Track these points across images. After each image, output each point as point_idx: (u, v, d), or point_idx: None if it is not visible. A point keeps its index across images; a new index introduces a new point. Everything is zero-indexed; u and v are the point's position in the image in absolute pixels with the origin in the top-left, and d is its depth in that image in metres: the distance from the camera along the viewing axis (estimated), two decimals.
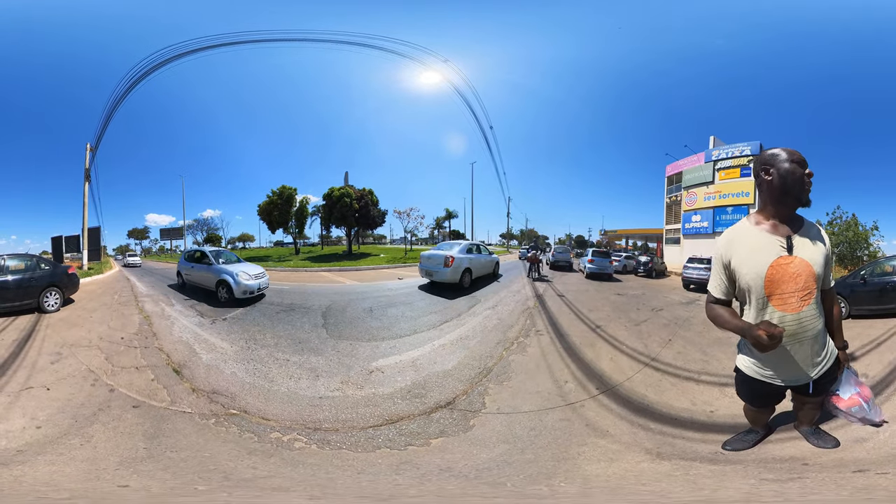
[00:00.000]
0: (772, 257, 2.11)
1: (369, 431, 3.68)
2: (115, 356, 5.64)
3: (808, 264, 2.10)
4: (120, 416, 3.87)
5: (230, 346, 6.33)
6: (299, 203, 37.50)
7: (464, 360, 5.60)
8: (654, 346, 6.36)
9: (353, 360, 5.73)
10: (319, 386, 4.81)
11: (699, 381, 4.87)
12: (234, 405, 4.23)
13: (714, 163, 28.81)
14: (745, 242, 2.19)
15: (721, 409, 3.95)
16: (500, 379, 4.91)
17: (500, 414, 3.98)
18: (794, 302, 2.10)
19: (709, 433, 3.41)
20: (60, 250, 20.38)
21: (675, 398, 4.33)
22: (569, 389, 4.58)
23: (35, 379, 4.73)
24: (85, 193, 22.00)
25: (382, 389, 4.66)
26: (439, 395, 4.45)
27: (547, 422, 3.79)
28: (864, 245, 20.18)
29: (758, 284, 2.13)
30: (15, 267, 8.61)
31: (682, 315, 9.62)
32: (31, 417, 3.77)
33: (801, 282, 2.08)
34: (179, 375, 5.03)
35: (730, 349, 6.42)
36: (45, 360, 5.40)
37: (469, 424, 3.76)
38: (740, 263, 2.19)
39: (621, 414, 3.95)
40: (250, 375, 5.13)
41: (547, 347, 6.21)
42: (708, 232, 28.45)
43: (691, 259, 17.40)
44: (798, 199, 2.14)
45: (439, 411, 4.06)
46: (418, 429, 3.72)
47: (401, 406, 4.22)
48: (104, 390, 4.48)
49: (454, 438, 3.52)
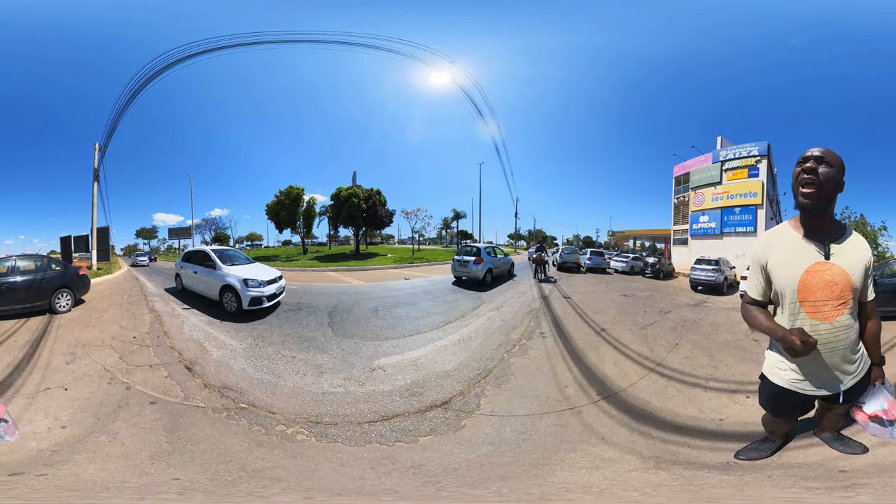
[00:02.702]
0: (807, 263, 2.04)
1: (365, 426, 3.80)
2: (129, 355, 5.75)
3: (845, 273, 2.01)
4: (139, 412, 3.98)
5: (239, 344, 6.44)
6: (307, 203, 37.68)
7: (464, 361, 5.62)
8: (660, 351, 6.29)
9: (356, 358, 5.82)
10: (323, 382, 4.91)
11: (707, 387, 4.79)
12: (243, 399, 4.37)
13: (721, 163, 28.48)
14: (782, 245, 2.13)
15: (731, 418, 3.86)
16: (498, 381, 4.91)
17: (494, 416, 4.01)
18: (827, 311, 2.02)
19: (719, 441, 3.32)
20: (69, 250, 20.44)
21: (681, 405, 4.26)
22: (568, 394, 4.54)
23: (51, 379, 4.77)
24: (94, 193, 22.07)
25: (383, 387, 4.74)
26: (436, 395, 4.51)
27: (539, 427, 3.76)
28: (873, 246, 19.92)
29: (791, 289, 2.06)
30: (26, 268, 8.60)
31: (690, 318, 9.50)
32: (54, 418, 3.81)
33: (836, 290, 2.01)
34: (191, 372, 5.13)
35: (739, 353, 6.32)
36: (60, 360, 5.46)
37: (460, 424, 3.81)
38: (776, 265, 2.12)
39: (622, 420, 3.90)
40: (258, 371, 5.24)
41: (550, 350, 6.16)
42: (716, 233, 28.13)
43: (699, 260, 17.14)
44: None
45: (434, 410, 4.13)
46: (410, 426, 3.80)
47: (398, 403, 4.30)
48: (121, 388, 4.55)
49: (442, 437, 3.58)
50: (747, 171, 27.27)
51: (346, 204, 32.72)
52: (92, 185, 22.18)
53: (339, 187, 34.16)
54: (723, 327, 8.57)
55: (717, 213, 28.18)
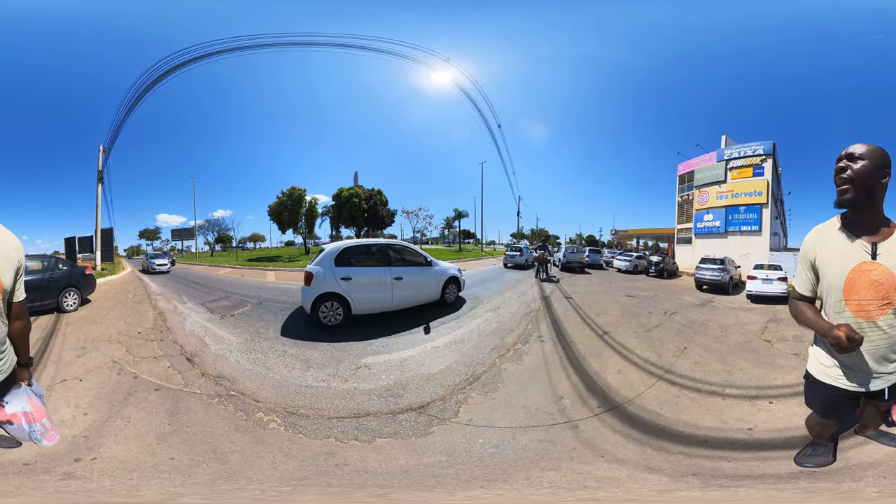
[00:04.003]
0: (854, 262, 2.03)
1: (333, 422, 3.83)
2: (135, 348, 6.08)
3: (891, 274, 1.99)
4: (146, 398, 4.28)
5: (236, 339, 6.74)
6: (308, 203, 37.44)
7: (453, 365, 5.31)
8: (668, 356, 5.82)
9: (344, 355, 5.85)
10: (308, 376, 5.03)
11: (725, 395, 4.38)
12: (234, 388, 4.63)
13: (726, 162, 28.12)
14: (830, 242, 2.13)
15: (760, 426, 3.56)
16: (485, 388, 4.56)
17: (470, 426, 3.72)
18: (872, 310, 2.02)
19: (758, 451, 3.12)
20: (74, 251, 20.50)
21: (698, 416, 3.84)
22: (564, 406, 4.09)
23: (66, 372, 5.03)
24: (98, 195, 22.16)
25: (364, 385, 4.76)
26: (414, 398, 4.39)
27: (519, 441, 3.38)
28: None
29: (837, 287, 2.06)
30: (33, 268, 8.70)
31: (697, 319, 9.07)
32: (75, 406, 4.04)
33: (881, 291, 1.99)
34: (191, 363, 5.47)
35: (752, 356, 5.92)
36: (71, 354, 5.71)
37: (428, 430, 3.67)
38: (824, 262, 2.12)
39: (629, 435, 3.46)
40: (251, 363, 5.50)
41: (547, 356, 5.70)
42: (720, 231, 27.76)
43: (704, 259, 16.82)
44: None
45: (407, 413, 4.03)
46: (376, 426, 3.75)
47: (374, 403, 4.28)
48: (129, 377, 4.87)
49: (400, 441, 3.48)
50: (752, 169, 26.98)
51: (347, 204, 32.52)
52: (96, 186, 22.12)
53: (340, 187, 33.99)
54: (732, 328, 8.15)
55: (722, 212, 27.83)
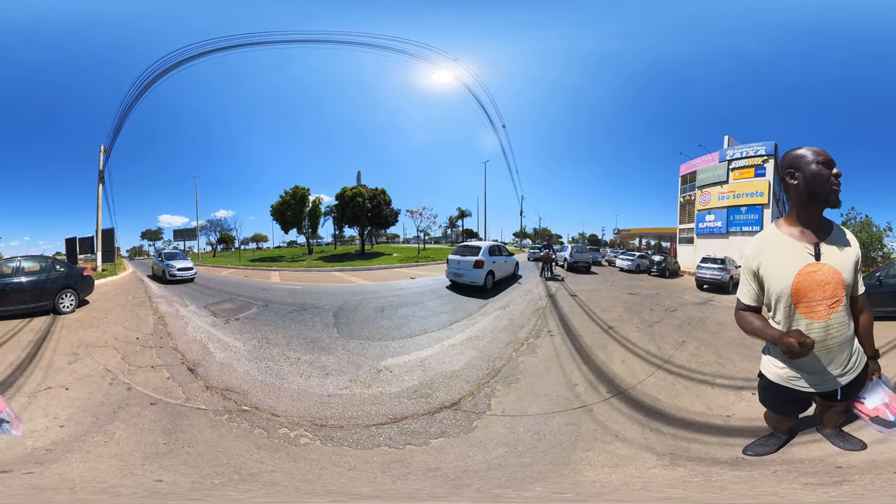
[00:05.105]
0: (799, 265, 2.07)
1: (372, 429, 3.70)
2: (131, 356, 5.73)
3: (836, 272, 2.05)
4: (139, 413, 3.95)
5: (243, 346, 6.41)
6: (312, 203, 37.76)
7: (472, 361, 5.60)
8: (667, 348, 6.32)
9: (362, 359, 5.78)
10: (328, 384, 4.84)
11: (714, 384, 4.81)
12: (246, 402, 4.31)
13: (728, 162, 28.34)
14: (772, 249, 2.16)
15: (738, 414, 3.90)
16: (507, 381, 4.88)
17: (505, 416, 3.95)
18: (821, 310, 2.06)
19: (727, 437, 3.36)
20: (74, 252, 20.55)
21: (689, 402, 4.28)
22: (578, 392, 4.56)
23: (53, 379, 4.78)
24: (99, 195, 22.11)
25: (390, 388, 4.68)
26: (445, 396, 4.45)
27: (552, 425, 3.74)
28: (879, 246, 19.73)
29: (785, 292, 2.09)
30: (30, 268, 8.67)
31: (696, 316, 9.52)
32: (53, 417, 3.80)
33: (829, 290, 2.04)
34: (194, 374, 5.10)
35: (745, 351, 6.33)
36: (63, 360, 5.46)
37: (472, 426, 3.75)
38: (768, 271, 2.15)
39: (633, 417, 3.93)
40: (262, 373, 5.19)
41: (558, 349, 6.20)
42: (722, 232, 28.03)
43: (705, 259, 17.18)
44: (826, 202, 2.06)
45: (443, 412, 4.06)
46: (420, 428, 3.71)
47: (406, 405, 4.22)
48: (122, 389, 4.54)
49: (454, 439, 3.50)
50: (754, 170, 27.15)
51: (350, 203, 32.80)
52: (97, 186, 22.36)
53: (343, 187, 34.27)
54: (728, 325, 8.53)
55: (724, 213, 28.09)
